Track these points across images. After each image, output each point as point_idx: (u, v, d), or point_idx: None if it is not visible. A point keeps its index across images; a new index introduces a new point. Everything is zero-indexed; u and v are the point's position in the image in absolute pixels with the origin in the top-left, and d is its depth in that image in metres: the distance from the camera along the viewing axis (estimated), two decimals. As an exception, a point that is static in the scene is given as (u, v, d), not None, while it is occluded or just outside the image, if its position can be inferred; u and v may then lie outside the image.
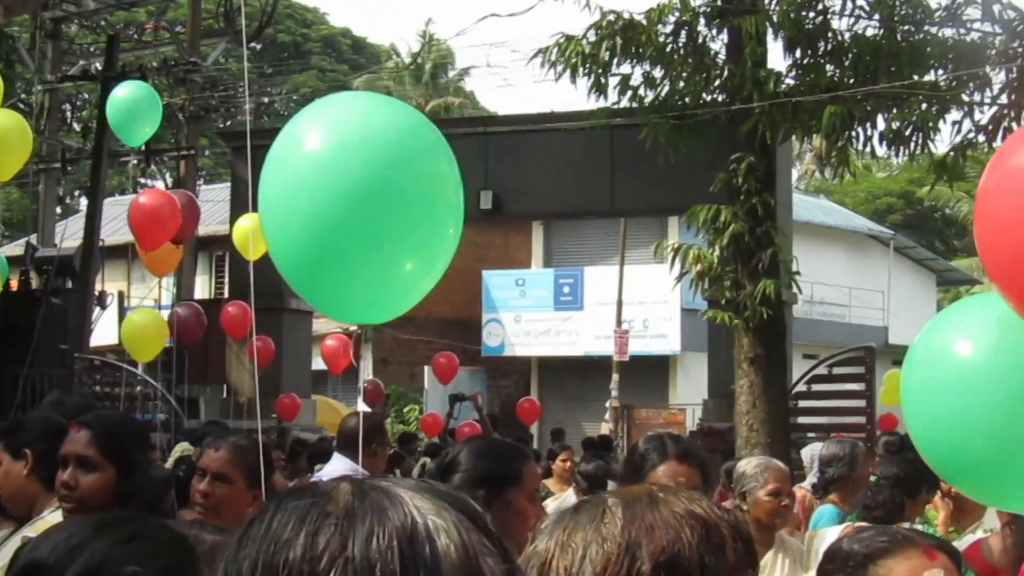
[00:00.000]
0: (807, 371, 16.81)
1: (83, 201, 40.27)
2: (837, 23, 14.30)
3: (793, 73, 14.34)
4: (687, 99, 14.63)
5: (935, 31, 14.00)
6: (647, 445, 4.49)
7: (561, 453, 12.86)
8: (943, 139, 32.47)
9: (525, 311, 33.63)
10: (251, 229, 15.60)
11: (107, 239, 20.22)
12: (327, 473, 7.37)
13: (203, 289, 31.63)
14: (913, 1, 13.88)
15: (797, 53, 14.23)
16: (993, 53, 13.60)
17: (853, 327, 36.11)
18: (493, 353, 34.19)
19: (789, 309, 16.27)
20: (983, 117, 13.78)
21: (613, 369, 27.73)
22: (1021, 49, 13.26)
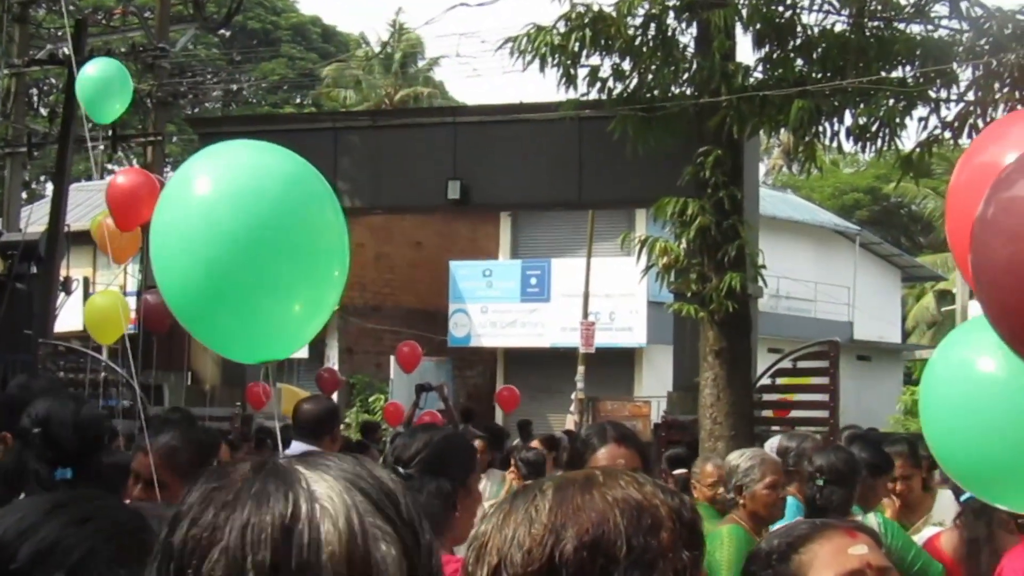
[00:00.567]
0: (771, 364, 16.86)
1: (49, 186, 40.06)
2: (806, 18, 14.36)
3: (761, 67, 14.38)
4: (656, 92, 14.65)
5: (903, 27, 14.05)
6: (589, 431, 4.65)
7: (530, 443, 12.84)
8: (910, 135, 32.61)
9: (492, 302, 33.60)
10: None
11: (73, 224, 20.06)
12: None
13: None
14: (883, -2, 13.95)
15: (766, 47, 14.27)
16: (960, 50, 13.66)
17: (818, 322, 36.24)
18: (459, 344, 34.15)
19: (754, 303, 16.31)
20: (949, 114, 13.86)
21: (579, 361, 27.70)
22: (988, 46, 13.31)
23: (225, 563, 1.27)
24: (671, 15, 14.60)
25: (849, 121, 14.09)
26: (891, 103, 13.74)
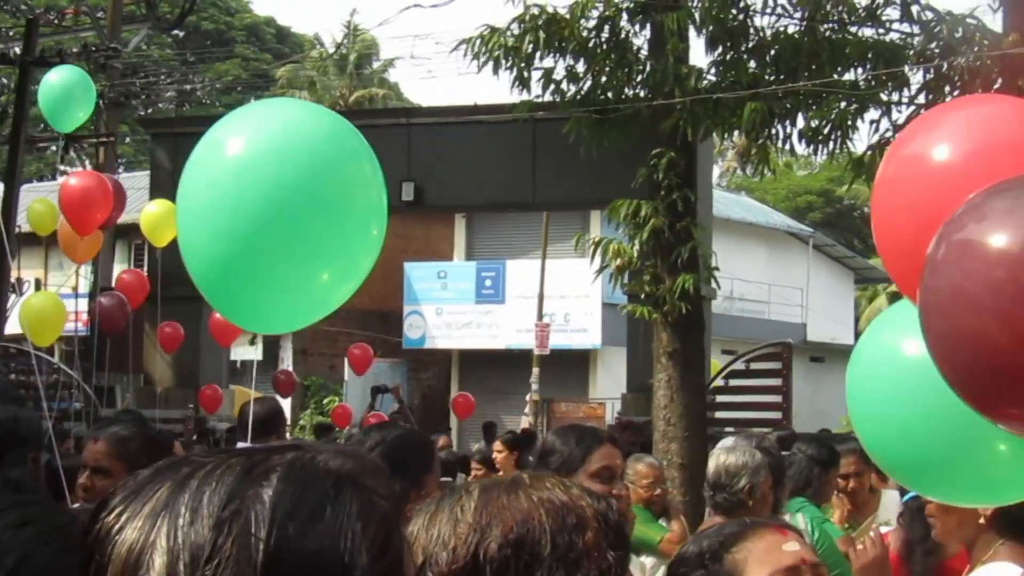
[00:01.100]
0: (725, 366, 16.93)
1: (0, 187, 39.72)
2: (759, 20, 14.39)
3: (714, 70, 14.41)
4: (609, 94, 14.67)
5: (855, 31, 14.12)
6: (570, 434, 4.54)
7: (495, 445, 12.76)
8: (862, 138, 32.76)
9: (447, 303, 33.58)
10: (160, 215, 15.47)
11: (24, 226, 19.93)
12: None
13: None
14: (836, 0, 14.00)
15: (719, 50, 14.29)
16: (911, 53, 13.74)
17: (772, 323, 36.41)
18: (414, 345, 34.12)
19: (708, 304, 16.36)
20: (901, 117, 13.91)
21: (534, 363, 27.76)
22: (938, 50, 13.39)
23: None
24: (624, 17, 14.63)
25: (801, 124, 14.13)
26: (843, 106, 13.80)
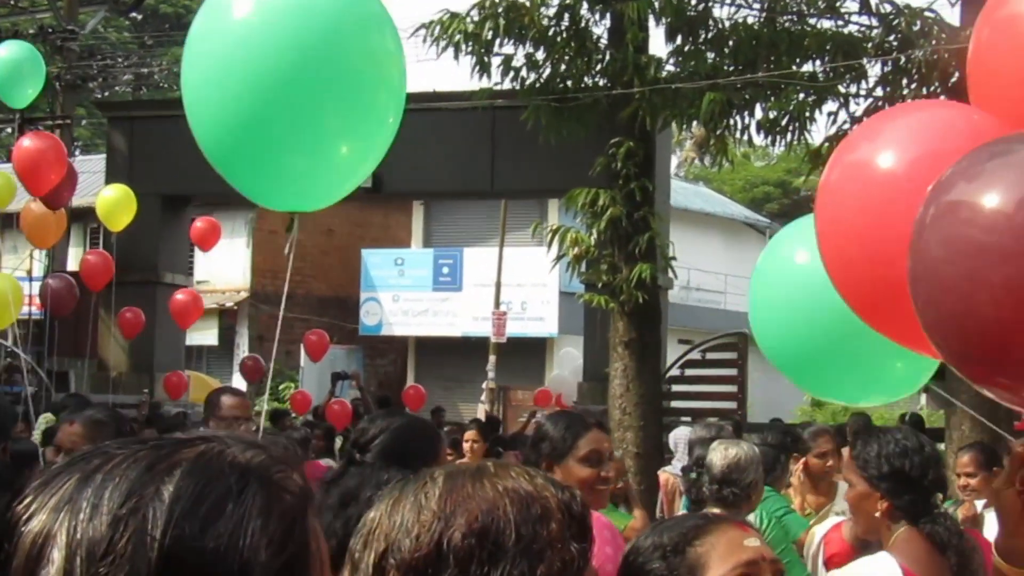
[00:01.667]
0: (681, 355, 16.97)
1: (-46, 168, 39.35)
2: (718, 11, 14.43)
3: (673, 60, 14.43)
4: (569, 82, 14.69)
5: (814, 23, 14.17)
6: (559, 419, 4.54)
7: (467, 432, 12.67)
8: (819, 129, 32.89)
9: (404, 290, 33.53)
10: (116, 200, 15.36)
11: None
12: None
13: (76, 261, 31.08)
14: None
15: (678, 40, 14.32)
16: (869, 46, 13.80)
17: (728, 313, 36.50)
18: (370, 332, 34.06)
19: (664, 294, 16.41)
20: (858, 109, 13.98)
21: (490, 350, 27.74)
22: (896, 43, 13.46)
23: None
24: (585, 6, 14.64)
25: (760, 115, 14.19)
26: (801, 97, 13.86)
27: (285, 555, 1.27)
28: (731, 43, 14.10)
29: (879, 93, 13.81)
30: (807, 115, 13.88)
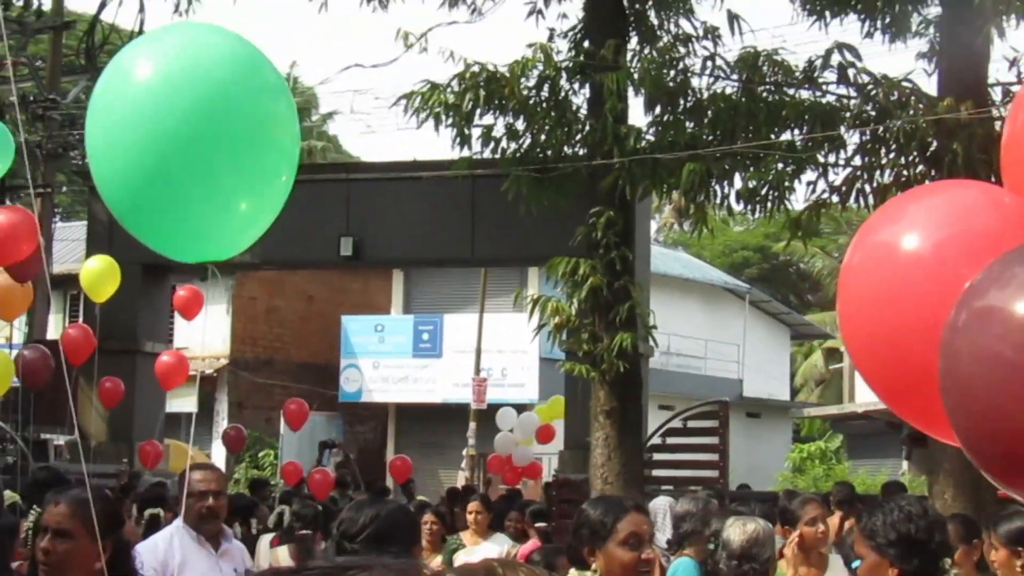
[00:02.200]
0: (663, 423, 16.95)
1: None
2: (697, 81, 14.51)
3: (653, 130, 14.50)
4: (549, 152, 14.74)
5: (792, 93, 14.26)
6: (598, 506, 4.65)
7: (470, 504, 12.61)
8: (798, 197, 33.13)
9: (384, 357, 33.44)
10: (100, 271, 15.30)
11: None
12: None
13: (56, 328, 30.97)
14: (773, 63, 14.13)
15: (657, 110, 14.39)
16: (848, 116, 13.89)
17: (708, 379, 36.52)
18: (350, 399, 33.93)
19: (646, 362, 16.41)
20: (837, 178, 14.06)
21: (471, 417, 27.67)
22: (874, 112, 13.55)
23: None
24: (564, 77, 14.73)
25: (739, 184, 14.25)
26: (780, 167, 13.93)
27: None
28: (710, 113, 14.18)
29: (857, 162, 13.89)
30: (786, 184, 13.95)
